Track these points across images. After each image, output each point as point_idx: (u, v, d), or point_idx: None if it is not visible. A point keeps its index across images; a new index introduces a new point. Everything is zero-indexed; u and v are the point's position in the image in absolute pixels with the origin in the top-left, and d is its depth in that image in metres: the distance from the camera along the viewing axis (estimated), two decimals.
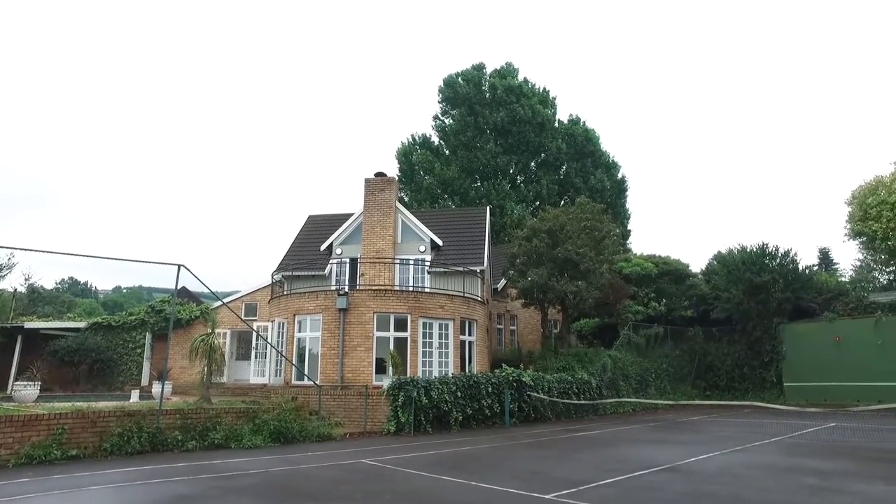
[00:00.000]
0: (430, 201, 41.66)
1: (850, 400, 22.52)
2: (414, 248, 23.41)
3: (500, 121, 41.96)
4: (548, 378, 19.28)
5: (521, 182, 43.53)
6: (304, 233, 27.13)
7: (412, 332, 18.33)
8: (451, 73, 45.41)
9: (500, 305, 28.28)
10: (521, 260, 22.99)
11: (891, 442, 12.20)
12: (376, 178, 23.44)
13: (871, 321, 23.88)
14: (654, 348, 26.50)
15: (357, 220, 23.64)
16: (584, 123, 44.44)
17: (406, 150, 45.00)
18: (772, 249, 27.37)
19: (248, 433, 13.14)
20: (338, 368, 17.61)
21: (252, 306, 26.08)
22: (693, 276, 30.86)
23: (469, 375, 17.66)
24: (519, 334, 29.66)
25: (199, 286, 14.33)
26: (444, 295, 19.77)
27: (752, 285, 25.88)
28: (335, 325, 18.05)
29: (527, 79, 45.17)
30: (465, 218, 27.40)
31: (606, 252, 23.47)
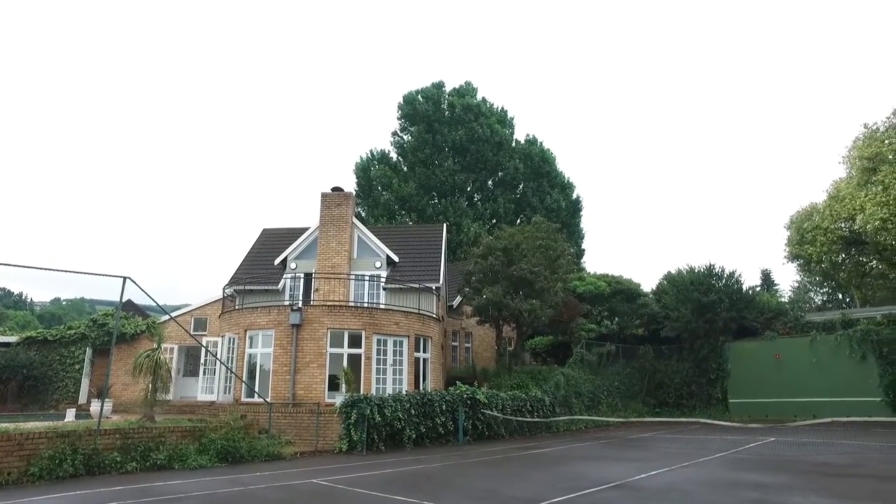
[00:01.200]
0: (388, 217, 41.57)
1: (789, 415, 23.46)
2: (370, 264, 23.25)
3: (459, 139, 42.40)
4: (502, 395, 19.37)
5: (479, 200, 43.97)
6: (257, 246, 26.61)
7: (366, 348, 18.14)
8: (411, 90, 45.74)
9: (455, 322, 28.32)
10: (477, 277, 23.14)
11: (824, 455, 12.74)
12: (333, 193, 23.25)
13: (808, 340, 25.05)
14: (607, 366, 27.00)
15: (313, 235, 23.34)
16: (541, 144, 45.39)
17: (364, 165, 44.89)
18: (718, 270, 28.44)
19: (194, 453, 12.67)
20: (290, 385, 17.23)
21: (202, 321, 25.30)
22: (644, 295, 31.70)
23: (423, 393, 17.57)
24: (474, 351, 29.73)
25: (146, 299, 13.79)
26: (399, 311, 19.68)
27: (700, 305, 26.78)
28: (288, 341, 17.69)
29: (485, 98, 45.94)
30: (421, 235, 27.43)
31: (561, 271, 23.88)
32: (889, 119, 23.76)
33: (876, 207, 21.23)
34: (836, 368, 23.67)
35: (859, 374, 23.07)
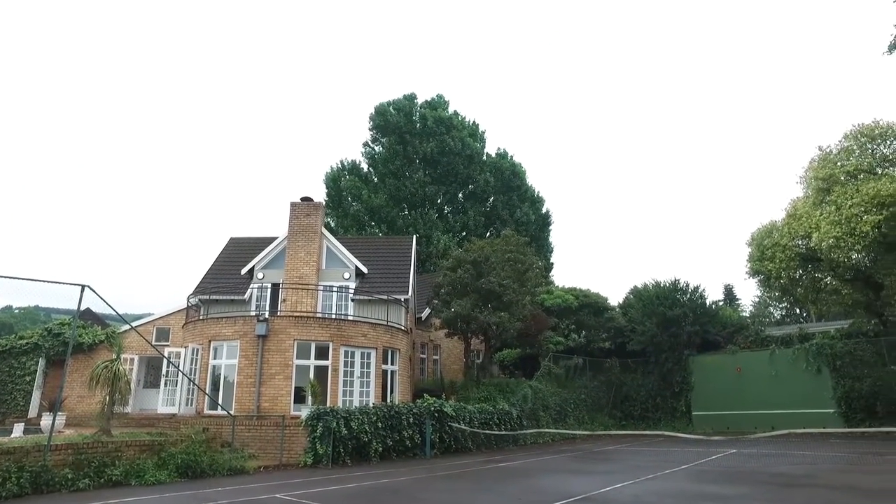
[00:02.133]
0: (357, 228, 41.36)
1: (750, 427, 23.99)
2: (338, 275, 23.04)
3: (430, 151, 42.56)
4: (469, 408, 19.33)
5: (449, 212, 44.11)
6: (224, 255, 26.12)
7: (333, 360, 17.92)
8: (383, 102, 45.81)
9: (423, 335, 28.23)
10: (446, 290, 23.14)
11: (782, 466, 13.05)
12: (302, 203, 23.03)
13: (767, 353, 25.76)
14: (574, 379, 27.24)
15: (281, 245, 23.04)
16: (511, 158, 45.86)
17: (335, 176, 44.65)
18: (683, 285, 29.06)
19: (152, 468, 12.26)
20: (254, 397, 16.88)
21: (165, 330, 24.65)
22: (611, 309, 32.16)
23: (390, 405, 17.41)
24: (442, 364, 29.65)
25: (106, 307, 13.34)
26: (367, 323, 19.52)
27: (665, 319, 27.29)
28: (253, 353, 17.36)
29: (457, 111, 46.28)
30: (391, 246, 27.34)
31: (529, 284, 24.05)
32: (840, 143, 24.71)
33: (830, 226, 21.97)
34: (793, 381, 24.37)
35: (815, 386, 23.79)
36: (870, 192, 21.12)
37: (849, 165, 23.48)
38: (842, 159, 24.10)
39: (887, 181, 21.47)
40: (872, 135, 23.94)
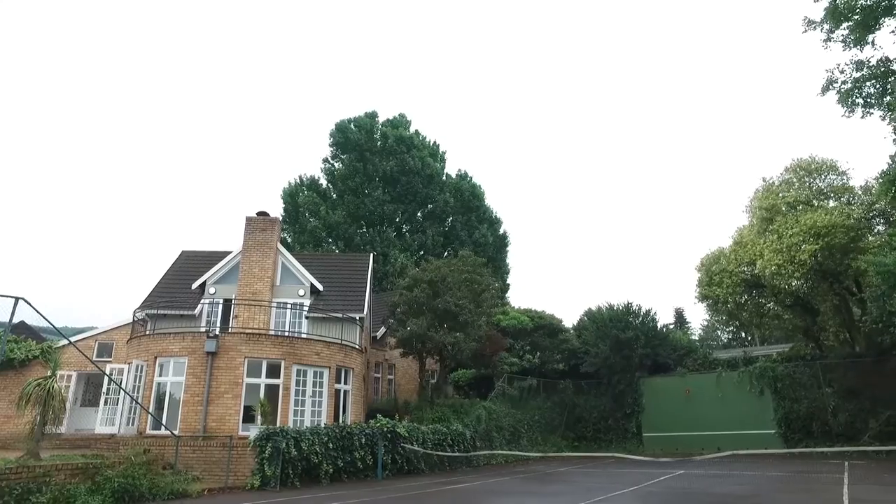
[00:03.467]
0: (314, 244, 40.83)
1: (697, 448, 24.54)
2: (293, 292, 22.63)
3: (390, 169, 42.57)
4: (423, 429, 19.13)
5: (407, 231, 44.07)
6: (175, 269, 25.32)
7: (285, 379, 17.50)
8: (344, 119, 45.68)
9: (378, 354, 27.92)
10: (402, 309, 23.01)
11: (727, 486, 13.37)
12: (258, 217, 22.62)
13: (714, 376, 26.53)
14: (528, 400, 27.35)
15: (235, 260, 22.50)
16: (471, 179, 46.31)
17: (292, 191, 44.08)
18: (635, 308, 29.71)
19: (85, 493, 11.55)
20: (201, 417, 16.28)
21: (108, 346, 23.58)
22: (566, 330, 32.56)
23: (342, 426, 17.08)
24: (396, 384, 29.35)
25: (42, 321, 12.62)
26: (321, 341, 19.19)
27: (618, 341, 27.80)
28: (202, 370, 16.78)
29: (418, 131, 46.53)
30: (348, 264, 27.08)
31: (485, 305, 24.16)
32: (782, 175, 26.00)
33: (772, 254, 22.95)
34: (738, 403, 25.12)
35: (758, 408, 24.59)
36: (807, 223, 22.21)
37: (789, 197, 24.68)
38: (783, 191, 25.33)
39: (822, 213, 22.64)
40: (810, 169, 25.30)
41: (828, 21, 19.16)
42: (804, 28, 19.99)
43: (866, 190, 23.79)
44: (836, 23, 18.95)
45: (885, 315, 18.38)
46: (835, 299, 24.98)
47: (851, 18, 18.53)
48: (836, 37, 19.24)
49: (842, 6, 18.43)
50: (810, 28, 19.83)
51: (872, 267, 17.98)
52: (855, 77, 18.97)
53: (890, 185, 17.82)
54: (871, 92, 18.68)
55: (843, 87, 19.29)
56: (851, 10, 18.31)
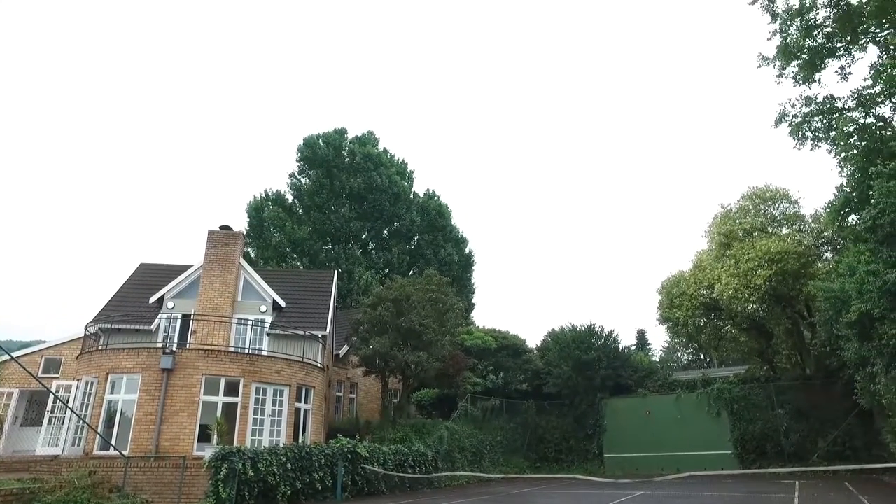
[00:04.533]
0: (278, 260, 40.25)
1: (657, 469, 24.82)
2: (255, 308, 22.22)
3: (357, 186, 42.46)
4: (384, 450, 18.87)
5: (373, 249, 43.88)
6: (132, 282, 24.52)
7: (244, 397, 17.09)
8: (312, 134, 45.43)
9: (340, 372, 27.52)
10: (366, 327, 22.80)
11: None
12: (221, 232, 22.23)
13: (674, 397, 26.98)
14: (490, 420, 27.29)
15: (195, 274, 22.01)
16: (438, 198, 46.49)
17: (258, 205, 43.49)
18: (598, 330, 30.09)
19: None
20: (154, 436, 15.72)
21: (55, 361, 22.64)
22: (529, 351, 32.72)
23: (302, 446, 16.71)
24: (358, 403, 28.93)
25: None
26: (281, 359, 18.84)
27: (581, 362, 28.06)
28: (156, 387, 16.26)
29: (386, 149, 46.63)
30: (312, 280, 26.76)
31: (449, 324, 24.13)
32: (739, 202, 26.95)
33: (730, 278, 23.66)
34: (697, 424, 25.58)
35: (715, 429, 25.08)
36: (762, 249, 23.02)
37: (745, 223, 25.56)
38: (740, 217, 26.23)
39: (776, 240, 23.52)
40: (765, 197, 26.30)
41: (779, 58, 20.14)
42: (759, 64, 20.94)
43: (816, 218, 24.85)
44: (786, 60, 19.92)
45: (832, 338, 19.08)
46: (787, 323, 25.84)
47: (800, 57, 19.52)
48: (787, 73, 20.22)
49: (791, 45, 19.42)
50: (764, 64, 20.79)
51: (821, 292, 18.68)
52: (804, 112, 19.90)
53: (836, 215, 18.64)
54: (818, 126, 19.62)
55: (793, 120, 20.20)
56: (800, 49, 19.30)
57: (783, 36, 20.07)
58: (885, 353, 14.57)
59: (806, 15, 19.30)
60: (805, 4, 19.14)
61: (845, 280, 16.62)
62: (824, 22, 19.10)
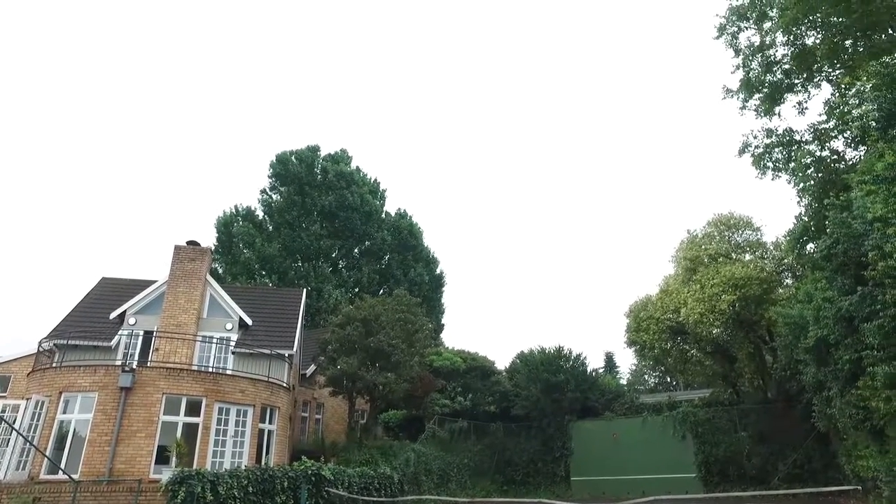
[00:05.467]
0: (247, 276, 39.63)
1: (623, 492, 24.84)
2: (220, 325, 21.79)
3: (329, 204, 42.29)
4: (349, 472, 18.53)
5: (343, 267, 43.58)
6: (93, 296, 23.78)
7: (206, 417, 16.65)
8: (285, 151, 45.20)
9: (307, 392, 27.07)
10: (333, 347, 22.54)
11: None
12: (188, 247, 21.83)
13: (640, 420, 27.20)
14: (458, 442, 27.08)
15: (160, 289, 21.50)
16: (410, 218, 46.54)
17: (227, 220, 42.88)
18: (567, 352, 30.26)
19: None
20: (108, 458, 15.14)
21: (4, 379, 21.73)
22: (498, 373, 32.70)
23: (264, 468, 16.30)
24: (324, 423, 28.44)
25: None
26: (246, 378, 18.46)
27: (549, 384, 28.13)
28: (113, 407, 15.72)
29: (359, 167, 46.62)
30: (280, 298, 26.40)
31: (418, 345, 24.01)
32: (705, 228, 27.67)
33: (695, 303, 24.15)
34: (662, 447, 25.79)
35: (681, 452, 25.32)
36: (727, 275, 23.60)
37: (711, 249, 26.21)
38: (705, 243, 26.91)
39: (740, 266, 24.18)
40: (729, 224, 27.06)
41: (742, 91, 20.99)
42: (723, 95, 21.76)
43: (777, 246, 25.64)
44: (749, 93, 20.78)
45: (792, 363, 19.59)
46: (750, 347, 26.43)
47: (762, 91, 20.38)
48: (750, 106, 21.07)
49: (753, 79, 20.29)
50: (728, 96, 21.62)
51: (781, 318, 19.22)
52: (766, 143, 20.70)
53: (795, 243, 19.30)
54: (779, 157, 20.40)
55: (756, 151, 20.98)
56: (761, 83, 20.18)
57: (746, 70, 20.95)
58: (840, 377, 15.01)
59: (766, 51, 20.20)
60: (765, 41, 20.04)
61: (804, 306, 17.14)
62: (783, 59, 20.01)
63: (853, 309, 13.39)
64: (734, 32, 21.06)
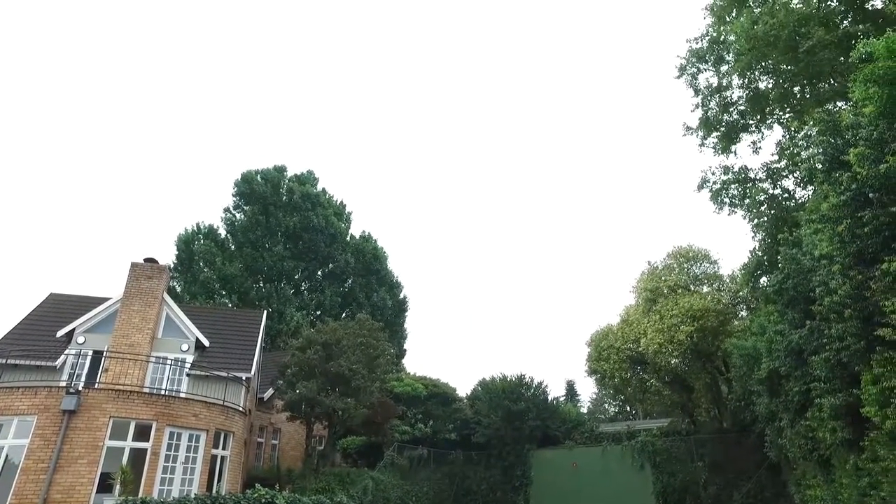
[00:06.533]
0: (206, 296, 38.69)
1: None
2: (176, 346, 21.10)
3: (293, 225, 41.87)
4: (304, 500, 17.94)
5: (306, 289, 43.02)
6: (39, 313, 22.73)
7: (155, 442, 15.96)
8: (251, 170, 44.74)
9: (264, 417, 26.35)
10: (293, 371, 22.08)
11: None
12: (145, 264, 21.20)
13: (600, 450, 27.34)
14: (417, 470, 26.68)
15: (113, 307, 20.73)
16: (375, 242, 46.39)
17: (188, 238, 41.93)
18: (528, 380, 30.34)
19: None
20: (43, 488, 14.22)
21: None
22: (459, 400, 32.51)
23: (215, 496, 15.65)
24: (281, 449, 27.66)
25: None
26: (200, 402, 17.85)
27: (510, 412, 28.09)
28: (54, 432, 14.90)
29: (325, 189, 46.43)
30: (239, 319, 25.78)
31: (380, 370, 23.72)
32: (665, 260, 28.38)
33: (655, 333, 24.63)
34: (622, 477, 25.92)
35: (639, 482, 25.48)
36: (685, 306, 24.20)
37: (670, 281, 26.87)
38: (665, 274, 27.58)
39: (698, 297, 24.83)
40: (688, 256, 27.84)
41: (702, 129, 21.87)
42: (684, 132, 22.60)
43: (733, 279, 26.45)
44: (707, 131, 21.65)
45: (746, 393, 20.10)
46: (707, 377, 27.01)
47: (719, 129, 21.28)
48: (708, 143, 21.95)
49: (711, 118, 21.21)
50: (689, 133, 22.46)
51: (736, 349, 19.76)
52: (723, 179, 21.56)
53: (750, 277, 19.98)
54: (735, 194, 21.24)
55: (713, 186, 21.79)
56: (719, 122, 21.11)
57: (704, 109, 21.87)
58: (790, 408, 15.45)
59: (723, 92, 21.16)
60: (723, 83, 21.01)
61: (757, 339, 17.67)
62: (739, 100, 20.99)
63: (802, 342, 13.87)
64: (694, 73, 22.04)
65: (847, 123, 11.68)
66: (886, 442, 10.84)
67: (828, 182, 11.87)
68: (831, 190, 11.48)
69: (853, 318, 11.15)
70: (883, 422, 10.55)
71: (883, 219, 10.10)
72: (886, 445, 10.86)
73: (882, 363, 10.64)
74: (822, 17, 16.90)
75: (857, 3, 17.01)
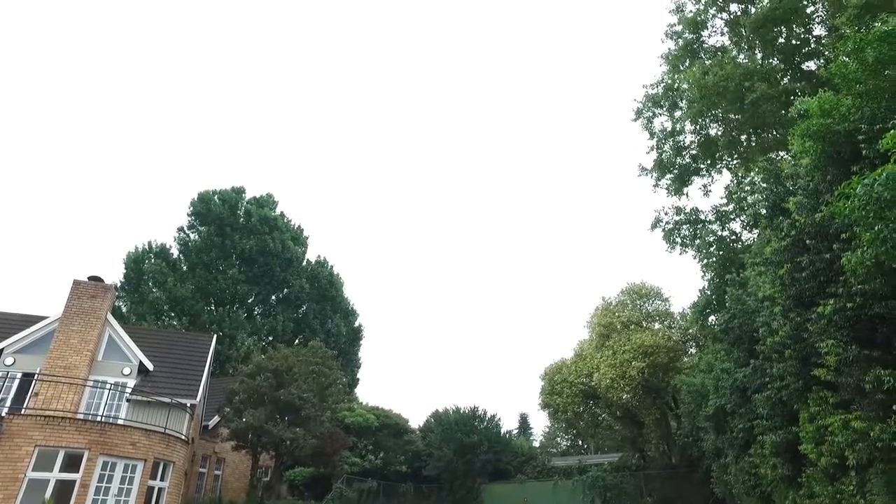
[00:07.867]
0: (154, 317, 37.25)
1: None
2: (117, 369, 20.14)
3: (249, 249, 41.05)
4: None
5: (259, 314, 42.00)
6: None
7: (86, 473, 15.04)
8: (209, 190, 43.78)
9: (207, 445, 25.28)
10: (241, 398, 21.38)
11: None
12: (88, 283, 20.31)
13: (551, 484, 27.26)
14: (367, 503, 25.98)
15: (49, 326, 19.69)
16: (331, 268, 45.83)
17: (138, 257, 40.48)
18: (481, 413, 30.19)
19: None
20: None
21: None
22: (412, 431, 32.03)
23: None
24: (224, 480, 26.52)
25: None
26: (139, 429, 16.99)
27: (462, 445, 27.82)
28: None
29: (283, 213, 45.82)
30: (187, 343, 24.86)
31: (331, 399, 23.23)
32: (618, 296, 28.95)
33: (608, 368, 24.95)
34: None
35: None
36: (637, 342, 24.65)
37: (623, 316, 27.38)
38: (619, 310, 28.09)
39: (650, 333, 25.34)
40: (641, 293, 28.47)
41: (656, 171, 22.69)
42: (639, 173, 23.38)
43: (683, 316, 27.15)
44: (661, 173, 22.47)
45: (694, 430, 20.46)
46: (657, 413, 27.42)
47: (672, 171, 22.10)
48: (662, 184, 22.74)
49: (665, 161, 22.06)
50: (644, 174, 23.26)
51: (685, 385, 20.18)
52: (675, 220, 22.33)
53: (699, 315, 20.57)
54: (686, 234, 21.99)
55: (666, 226, 22.52)
56: (672, 165, 21.95)
57: (659, 152, 22.74)
58: (735, 444, 15.79)
59: (677, 137, 22.08)
60: (676, 128, 21.92)
61: (705, 376, 18.10)
62: (691, 145, 21.93)
63: (746, 380, 14.29)
64: (650, 117, 22.97)
65: (787, 173, 12.33)
66: (821, 479, 11.18)
67: (770, 227, 12.43)
68: (773, 235, 12.02)
69: (792, 357, 11.57)
70: (818, 458, 10.89)
71: (819, 265, 10.61)
72: (821, 482, 11.19)
73: (818, 402, 11.04)
74: (764, 73, 17.98)
75: (795, 62, 18.20)
